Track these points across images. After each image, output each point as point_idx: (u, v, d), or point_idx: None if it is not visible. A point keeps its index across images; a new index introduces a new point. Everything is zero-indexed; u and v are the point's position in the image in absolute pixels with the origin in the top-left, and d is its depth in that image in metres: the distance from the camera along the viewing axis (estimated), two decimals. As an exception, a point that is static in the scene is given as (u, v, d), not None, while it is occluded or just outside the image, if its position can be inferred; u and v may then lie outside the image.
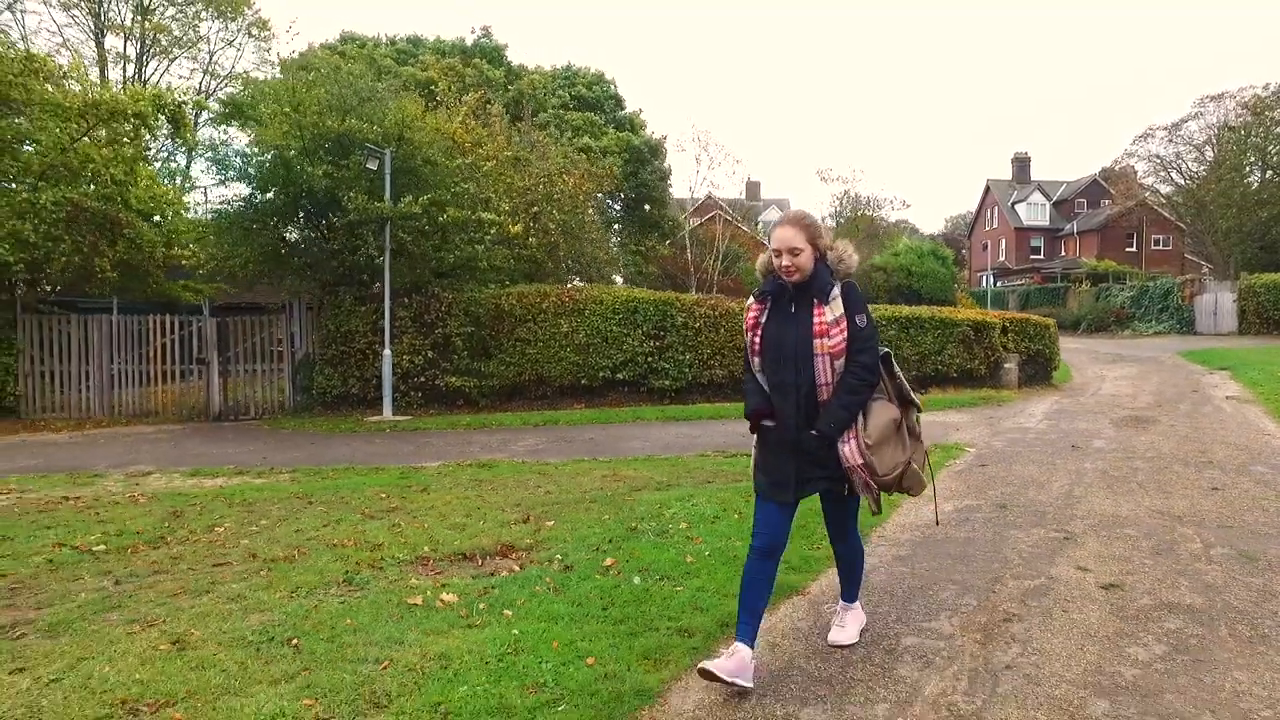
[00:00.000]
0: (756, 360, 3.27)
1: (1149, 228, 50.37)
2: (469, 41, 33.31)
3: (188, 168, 32.34)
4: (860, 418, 3.13)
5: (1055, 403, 12.92)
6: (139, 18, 34.46)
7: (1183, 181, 45.66)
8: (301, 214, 14.54)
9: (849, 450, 3.09)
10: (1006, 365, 14.99)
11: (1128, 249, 51.27)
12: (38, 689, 3.27)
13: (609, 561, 4.66)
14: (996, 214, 61.18)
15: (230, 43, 38.30)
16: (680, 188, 39.52)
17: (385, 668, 3.31)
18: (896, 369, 3.33)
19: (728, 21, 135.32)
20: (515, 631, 3.60)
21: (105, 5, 33.58)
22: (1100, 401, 12.85)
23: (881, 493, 3.24)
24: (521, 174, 15.80)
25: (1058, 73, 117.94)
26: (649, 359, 14.27)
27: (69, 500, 7.58)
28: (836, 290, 3.13)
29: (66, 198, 13.80)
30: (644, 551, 4.83)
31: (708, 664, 3.01)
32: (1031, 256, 57.08)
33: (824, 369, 3.10)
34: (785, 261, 3.17)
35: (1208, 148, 43.63)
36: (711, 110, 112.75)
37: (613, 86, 35.45)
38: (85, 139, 15.30)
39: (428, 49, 32.75)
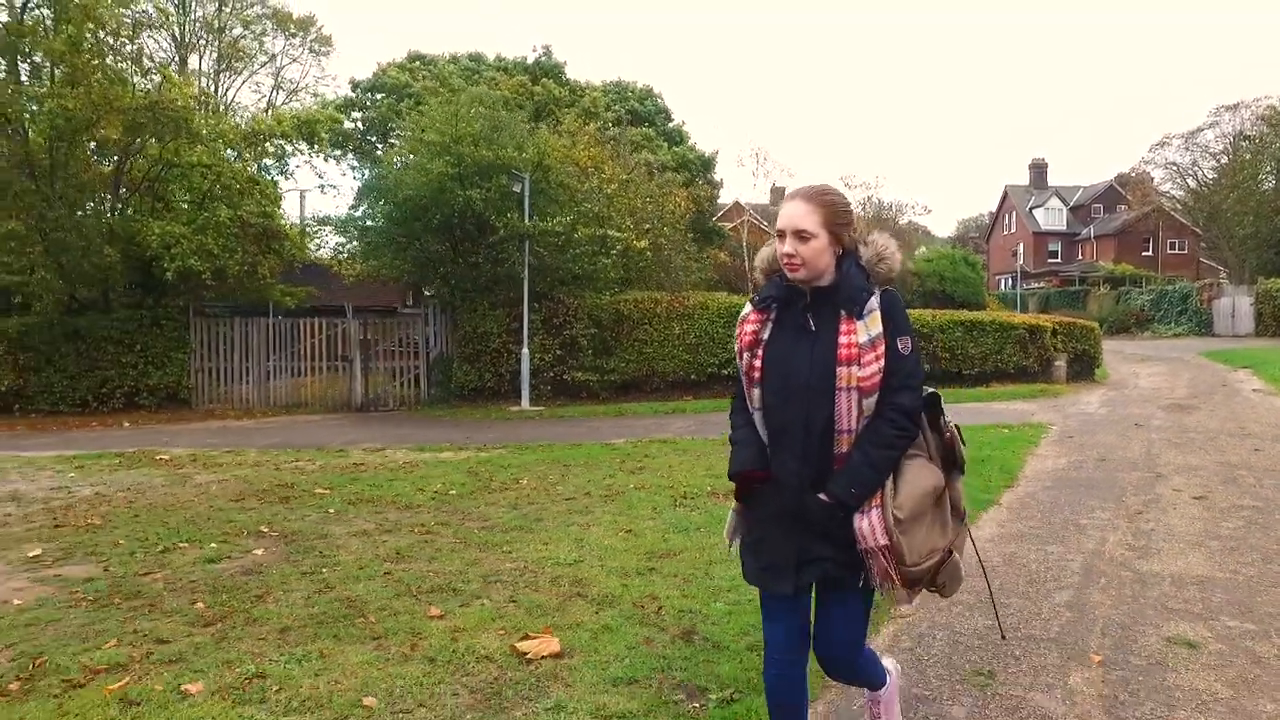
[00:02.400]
0: (756, 393, 2.43)
1: (1165, 232, 52.32)
2: (529, 60, 35.56)
3: (261, 173, 34.84)
4: (889, 481, 2.33)
5: (1104, 394, 15.16)
6: (211, 36, 37.02)
7: (1198, 188, 47.76)
8: (444, 230, 16.85)
9: (868, 525, 2.30)
10: (1057, 363, 17.22)
11: (1144, 253, 53.18)
12: (574, 552, 5.37)
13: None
14: (1014, 219, 63.20)
15: (295, 59, 40.99)
16: (731, 199, 41.67)
17: (780, 535, 5.53)
18: (946, 415, 2.50)
19: (749, 29, 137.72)
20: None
21: (185, 26, 36.10)
22: (1143, 393, 15.07)
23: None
24: (635, 194, 18.13)
25: (1083, 84, 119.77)
26: (750, 357, 16.51)
27: (358, 466, 9.34)
28: (874, 300, 2.33)
29: (238, 214, 16.20)
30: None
31: None
32: (1049, 260, 59.07)
33: (847, 409, 2.30)
34: (787, 248, 2.35)
35: (1223, 156, 45.76)
36: (730, 115, 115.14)
37: (661, 100, 37.55)
38: (246, 162, 17.80)
39: (490, 67, 34.97)
